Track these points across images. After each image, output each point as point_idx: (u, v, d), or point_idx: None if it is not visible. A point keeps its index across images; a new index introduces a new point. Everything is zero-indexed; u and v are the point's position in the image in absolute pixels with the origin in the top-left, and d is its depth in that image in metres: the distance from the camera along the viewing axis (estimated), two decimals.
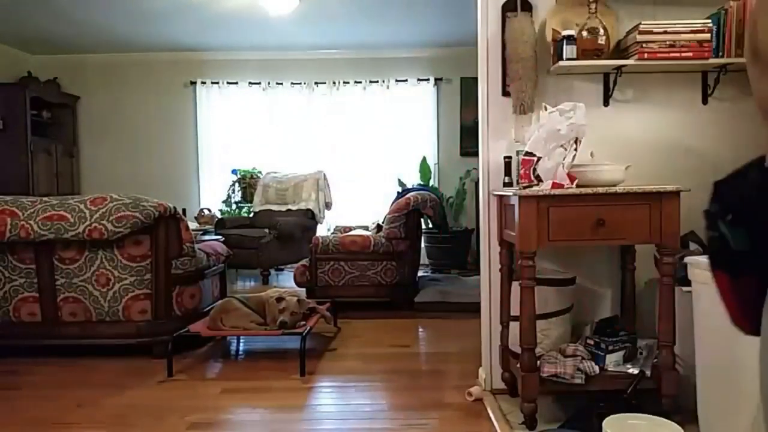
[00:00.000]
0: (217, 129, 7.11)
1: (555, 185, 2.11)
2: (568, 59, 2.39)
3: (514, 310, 2.38)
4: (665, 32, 2.34)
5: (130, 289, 3.30)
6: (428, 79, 7.00)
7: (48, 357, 3.35)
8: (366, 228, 5.46)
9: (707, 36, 2.35)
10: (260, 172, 6.90)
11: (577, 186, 2.13)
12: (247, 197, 6.77)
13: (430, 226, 6.07)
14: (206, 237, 4.85)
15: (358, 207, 7.04)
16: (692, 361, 2.13)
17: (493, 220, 2.65)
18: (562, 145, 2.15)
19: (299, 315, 3.29)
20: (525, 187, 2.21)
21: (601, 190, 2.07)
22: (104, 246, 3.27)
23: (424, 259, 6.43)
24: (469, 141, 6.95)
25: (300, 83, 7.06)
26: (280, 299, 3.27)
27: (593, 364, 2.22)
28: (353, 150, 7.06)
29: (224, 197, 6.92)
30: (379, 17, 5.78)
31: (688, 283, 2.08)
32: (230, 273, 6.20)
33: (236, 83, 7.07)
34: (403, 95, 7.03)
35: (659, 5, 2.54)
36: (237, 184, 6.88)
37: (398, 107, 7.03)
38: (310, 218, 6.18)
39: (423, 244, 6.44)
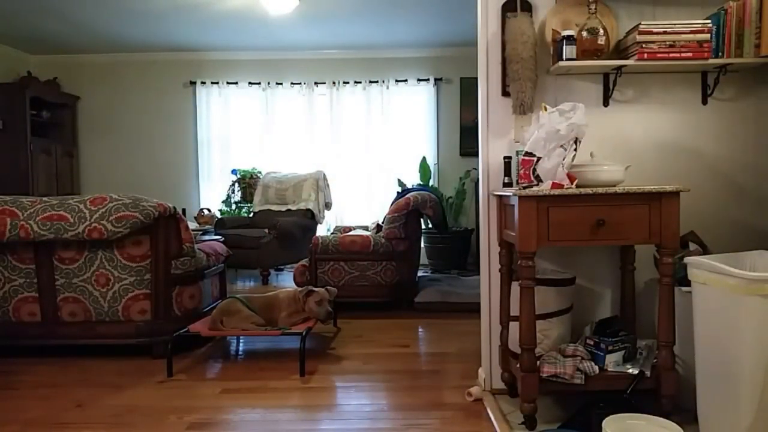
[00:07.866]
0: (217, 129, 7.11)
1: (555, 185, 2.11)
2: (567, 59, 2.39)
3: (514, 310, 2.38)
4: (665, 32, 2.34)
5: (129, 289, 3.30)
6: (428, 79, 7.00)
7: (48, 357, 3.35)
8: (366, 228, 5.46)
9: (707, 36, 2.35)
10: (260, 172, 6.90)
11: (577, 186, 2.13)
12: (247, 197, 6.77)
13: (430, 226, 6.06)
14: (206, 237, 4.85)
15: (358, 207, 7.05)
16: (692, 361, 2.13)
17: (493, 220, 2.65)
18: (561, 146, 2.15)
19: (332, 303, 3.40)
20: (525, 188, 2.21)
21: (600, 190, 2.07)
22: (104, 246, 3.27)
23: (424, 259, 6.44)
24: (469, 141, 6.96)
25: (300, 83, 7.06)
26: (310, 293, 3.34)
27: (593, 364, 2.22)
28: (353, 150, 7.06)
29: (224, 197, 6.93)
30: (379, 17, 5.78)
31: (688, 283, 2.08)
32: (230, 273, 6.21)
33: (236, 83, 7.07)
34: (403, 95, 7.03)
35: (659, 5, 2.54)
36: (237, 184, 6.88)
37: (398, 107, 7.03)
38: (310, 218, 6.18)
39: (423, 244, 6.45)
